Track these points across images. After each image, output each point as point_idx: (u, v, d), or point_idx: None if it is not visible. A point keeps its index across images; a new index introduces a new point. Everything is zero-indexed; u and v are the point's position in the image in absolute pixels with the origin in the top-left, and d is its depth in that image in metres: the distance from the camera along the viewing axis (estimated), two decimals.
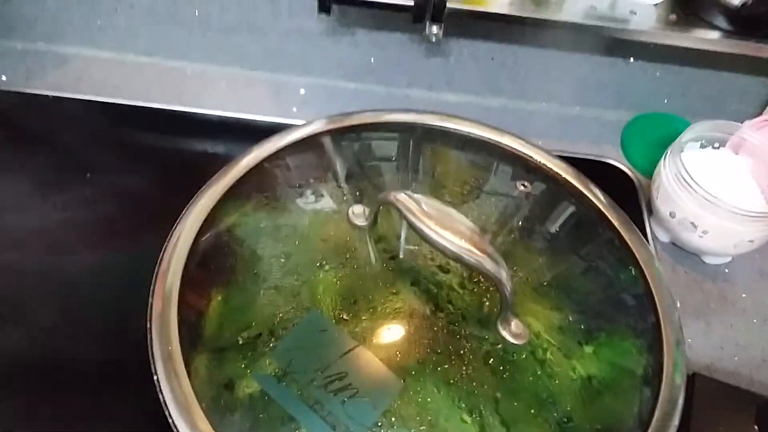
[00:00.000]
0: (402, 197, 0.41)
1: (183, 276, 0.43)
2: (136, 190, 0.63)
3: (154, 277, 0.43)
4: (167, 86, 0.72)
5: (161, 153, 0.67)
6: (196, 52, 0.73)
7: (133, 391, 0.44)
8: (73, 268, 0.57)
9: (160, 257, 0.44)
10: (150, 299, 0.42)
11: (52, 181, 0.62)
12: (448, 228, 0.39)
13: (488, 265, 0.38)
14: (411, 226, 0.40)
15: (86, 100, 0.68)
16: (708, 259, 0.64)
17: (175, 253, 0.44)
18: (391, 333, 0.41)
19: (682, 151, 0.62)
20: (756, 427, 0.41)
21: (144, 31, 0.71)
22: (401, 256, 0.45)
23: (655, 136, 0.71)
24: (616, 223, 0.52)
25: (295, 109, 0.71)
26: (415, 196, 0.41)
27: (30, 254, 0.57)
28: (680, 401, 0.41)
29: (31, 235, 0.58)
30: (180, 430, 0.37)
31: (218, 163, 0.66)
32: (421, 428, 0.38)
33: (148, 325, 0.41)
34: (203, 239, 0.46)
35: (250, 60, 0.73)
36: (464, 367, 0.40)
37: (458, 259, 0.39)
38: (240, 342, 0.41)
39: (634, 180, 0.70)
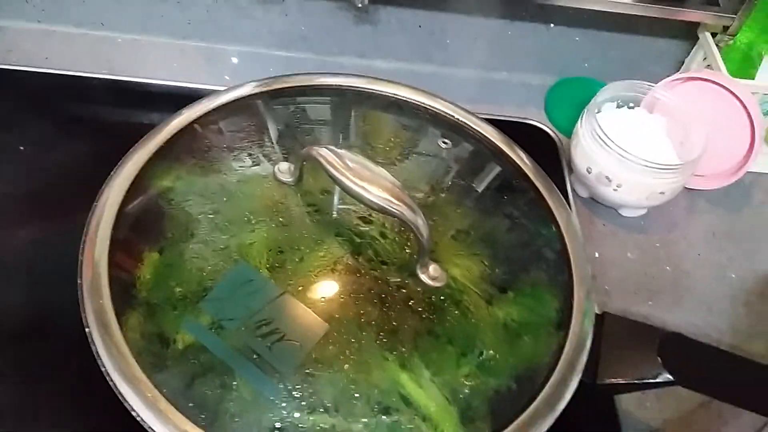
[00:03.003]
0: (324, 151, 0.42)
1: (112, 235, 0.44)
2: (69, 159, 0.62)
3: (83, 237, 0.44)
4: (98, 56, 0.71)
5: (94, 122, 0.67)
6: (126, 22, 0.72)
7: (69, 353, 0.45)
8: (6, 240, 0.57)
9: (89, 217, 0.45)
10: (80, 256, 0.43)
11: None
12: (367, 180, 0.41)
13: (406, 213, 0.40)
14: (332, 178, 0.41)
15: (16, 70, 0.68)
16: (624, 212, 0.67)
17: (103, 213, 0.45)
18: (317, 281, 0.43)
19: (598, 111, 0.65)
20: (659, 358, 0.44)
21: (73, 2, 0.71)
22: (326, 209, 0.47)
23: (577, 99, 0.74)
24: (535, 180, 0.54)
25: (227, 77, 0.72)
26: (338, 150, 0.43)
27: None
28: (587, 345, 0.44)
29: None
30: (114, 379, 0.38)
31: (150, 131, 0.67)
32: (345, 366, 0.40)
33: (79, 282, 0.42)
34: (132, 199, 0.46)
35: (181, 29, 0.73)
36: (386, 309, 0.42)
37: (378, 208, 0.41)
38: (171, 296, 0.42)
39: (556, 140, 0.73)
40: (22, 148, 0.63)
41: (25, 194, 0.60)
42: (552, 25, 0.74)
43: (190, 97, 0.68)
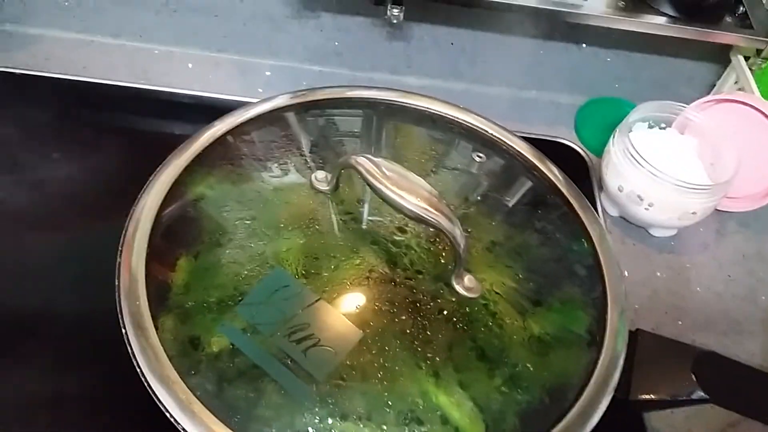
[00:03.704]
0: (362, 160, 0.43)
1: (150, 240, 0.45)
2: (105, 167, 0.64)
3: (121, 242, 0.44)
4: (134, 66, 0.73)
5: (129, 131, 0.68)
6: (163, 33, 0.74)
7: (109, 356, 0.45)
8: (44, 246, 0.57)
9: (127, 222, 0.46)
10: (118, 259, 0.43)
11: (21, 158, 0.63)
12: (405, 189, 0.41)
13: (443, 222, 0.41)
14: (370, 186, 0.42)
15: (54, 78, 0.69)
16: (655, 232, 0.67)
17: (141, 218, 0.46)
18: (352, 288, 0.43)
19: (630, 130, 0.65)
20: (693, 375, 0.44)
21: (111, 12, 0.72)
22: (362, 218, 0.47)
23: (607, 120, 0.74)
24: (569, 197, 0.54)
25: (260, 90, 0.73)
26: (375, 159, 0.43)
27: None
28: (620, 362, 0.44)
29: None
30: (149, 381, 0.39)
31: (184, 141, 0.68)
32: (379, 374, 0.40)
33: (117, 284, 0.42)
34: (169, 205, 0.47)
35: (217, 42, 0.75)
36: (420, 319, 0.42)
37: (415, 217, 0.41)
38: (208, 299, 0.43)
39: (587, 159, 0.73)
40: (55, 154, 0.64)
41: (59, 200, 0.61)
42: (584, 45, 0.75)
43: (224, 108, 0.69)
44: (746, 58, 0.71)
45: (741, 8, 0.70)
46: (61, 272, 0.56)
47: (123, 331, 0.40)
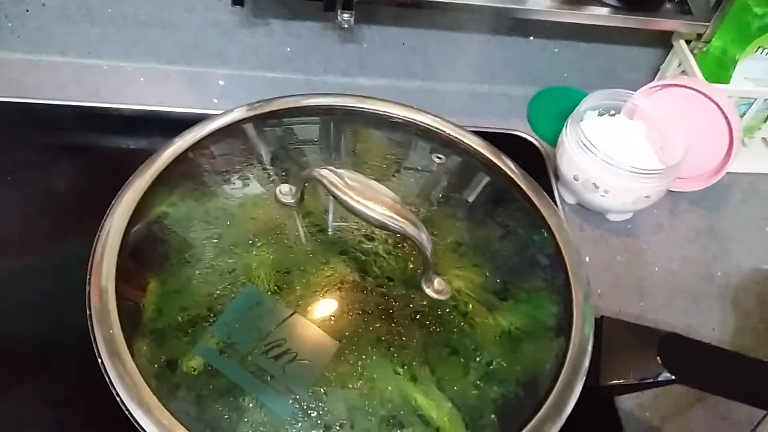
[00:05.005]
0: (325, 172, 0.43)
1: (118, 264, 0.44)
2: (61, 188, 0.63)
3: (89, 266, 0.44)
4: (84, 84, 0.72)
5: (84, 150, 0.67)
6: (112, 49, 0.73)
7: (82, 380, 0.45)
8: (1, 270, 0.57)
9: (93, 247, 0.45)
10: (87, 287, 0.43)
11: None
12: (370, 198, 0.42)
13: (409, 229, 0.42)
14: (336, 198, 0.42)
15: (3, 102, 0.68)
16: (611, 216, 0.69)
17: (108, 241, 0.45)
18: (325, 300, 0.44)
19: (581, 120, 0.67)
20: (659, 358, 0.46)
21: (56, 30, 0.71)
22: (329, 228, 0.48)
23: (558, 108, 0.76)
24: (526, 189, 0.56)
25: (215, 100, 0.73)
26: (338, 170, 0.43)
27: None
28: (589, 349, 0.46)
29: None
30: (129, 407, 0.38)
31: (143, 158, 0.67)
32: (358, 383, 0.41)
33: (88, 312, 0.42)
34: (135, 227, 0.47)
35: (167, 54, 0.74)
36: (394, 325, 0.43)
37: (382, 225, 0.42)
38: (181, 321, 0.43)
39: (541, 149, 0.74)
40: (9, 178, 0.63)
41: (14, 224, 0.60)
42: (531, 38, 0.76)
43: (180, 121, 0.70)
44: (688, 42, 0.74)
45: None
46: (21, 298, 0.55)
47: (99, 360, 0.40)
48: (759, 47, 0.70)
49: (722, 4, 0.69)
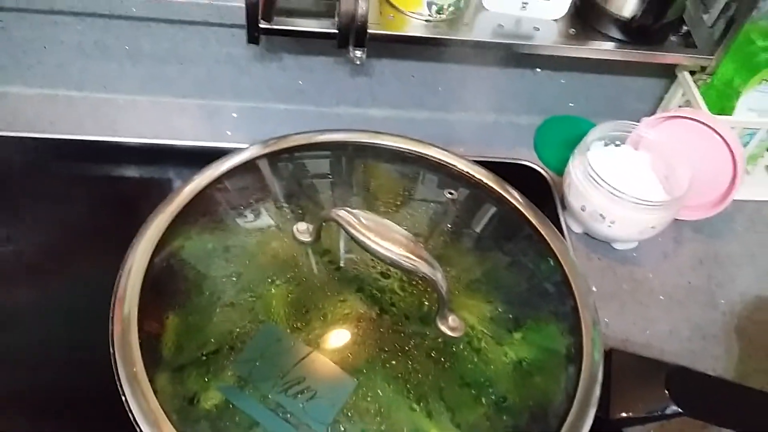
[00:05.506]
0: (342, 213, 0.45)
1: (140, 300, 0.46)
2: (78, 221, 0.64)
3: (112, 303, 0.45)
4: (101, 118, 0.73)
5: (101, 183, 0.69)
6: (127, 83, 0.75)
7: (104, 416, 0.46)
8: (20, 303, 0.58)
9: (116, 284, 0.46)
10: (110, 325, 0.44)
11: None
12: (386, 238, 0.43)
13: (425, 268, 0.43)
14: (353, 238, 0.44)
15: (21, 137, 0.70)
16: (618, 246, 0.71)
17: (130, 278, 0.47)
18: (342, 337, 0.45)
19: (588, 150, 0.68)
20: (666, 392, 0.47)
21: (74, 66, 0.73)
22: (345, 266, 0.49)
23: (564, 137, 0.77)
24: (532, 219, 0.57)
25: (229, 133, 0.74)
26: (354, 211, 0.45)
27: None
28: (600, 375, 0.47)
29: None
30: None
31: (159, 190, 0.69)
32: (376, 419, 0.42)
33: (111, 350, 0.43)
34: (156, 264, 0.48)
35: (182, 88, 0.76)
36: (409, 362, 0.44)
37: (397, 265, 0.43)
38: (201, 358, 0.44)
39: (548, 178, 0.76)
40: (26, 212, 0.65)
41: (33, 257, 0.61)
42: (538, 69, 0.78)
43: (194, 153, 0.72)
44: (692, 73, 0.75)
45: (684, 27, 0.73)
46: (37, 330, 0.57)
47: (123, 398, 0.41)
48: (763, 80, 0.71)
49: (726, 38, 0.70)
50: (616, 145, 0.72)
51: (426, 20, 0.68)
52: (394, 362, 0.44)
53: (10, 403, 0.52)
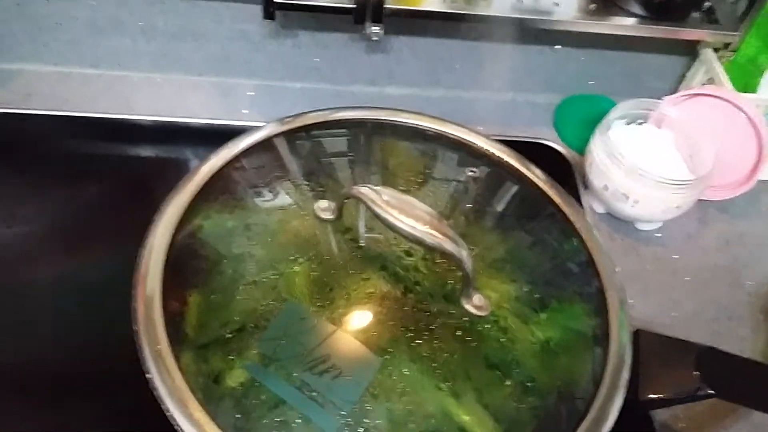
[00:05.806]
0: (365, 190, 0.44)
1: (163, 278, 0.45)
2: (95, 199, 0.64)
3: (134, 281, 0.45)
4: (115, 96, 0.72)
5: (115, 161, 0.68)
6: (142, 61, 0.74)
7: (127, 394, 0.45)
8: (39, 281, 0.57)
9: (137, 262, 0.46)
10: (133, 303, 0.44)
11: (9, 196, 0.63)
12: (409, 215, 0.43)
13: (449, 246, 0.42)
14: (376, 216, 0.43)
15: (37, 114, 0.69)
16: (641, 226, 0.69)
17: (152, 257, 0.46)
18: (366, 315, 0.45)
19: (609, 129, 0.67)
20: (697, 373, 0.46)
21: (87, 43, 0.72)
22: (367, 244, 0.49)
23: (584, 115, 0.76)
24: (555, 198, 0.56)
25: (245, 111, 0.73)
26: (376, 188, 0.44)
27: None
28: (628, 357, 0.46)
29: None
30: (179, 423, 0.39)
31: (174, 168, 0.69)
32: (402, 398, 0.41)
33: (135, 328, 0.43)
34: (178, 242, 0.47)
35: (197, 66, 0.74)
36: (435, 341, 0.44)
37: (421, 242, 0.42)
38: (225, 336, 0.43)
39: (569, 157, 0.75)
40: (42, 190, 0.64)
41: (51, 235, 0.61)
42: (557, 46, 0.76)
43: (209, 131, 0.71)
44: (715, 50, 0.74)
45: (706, 3, 0.72)
46: (57, 310, 0.56)
47: (147, 376, 0.41)
48: None
49: (750, 14, 0.69)
50: (639, 124, 0.70)
51: None
52: (419, 341, 0.43)
53: (32, 382, 0.51)
